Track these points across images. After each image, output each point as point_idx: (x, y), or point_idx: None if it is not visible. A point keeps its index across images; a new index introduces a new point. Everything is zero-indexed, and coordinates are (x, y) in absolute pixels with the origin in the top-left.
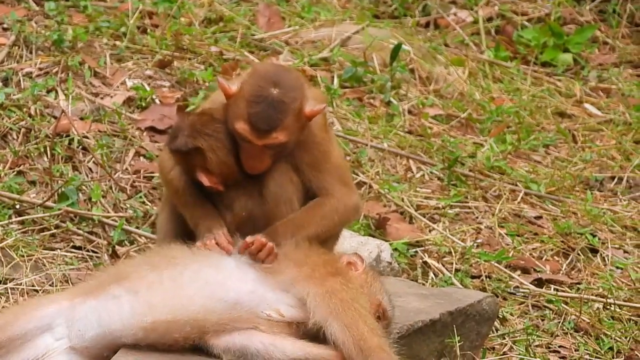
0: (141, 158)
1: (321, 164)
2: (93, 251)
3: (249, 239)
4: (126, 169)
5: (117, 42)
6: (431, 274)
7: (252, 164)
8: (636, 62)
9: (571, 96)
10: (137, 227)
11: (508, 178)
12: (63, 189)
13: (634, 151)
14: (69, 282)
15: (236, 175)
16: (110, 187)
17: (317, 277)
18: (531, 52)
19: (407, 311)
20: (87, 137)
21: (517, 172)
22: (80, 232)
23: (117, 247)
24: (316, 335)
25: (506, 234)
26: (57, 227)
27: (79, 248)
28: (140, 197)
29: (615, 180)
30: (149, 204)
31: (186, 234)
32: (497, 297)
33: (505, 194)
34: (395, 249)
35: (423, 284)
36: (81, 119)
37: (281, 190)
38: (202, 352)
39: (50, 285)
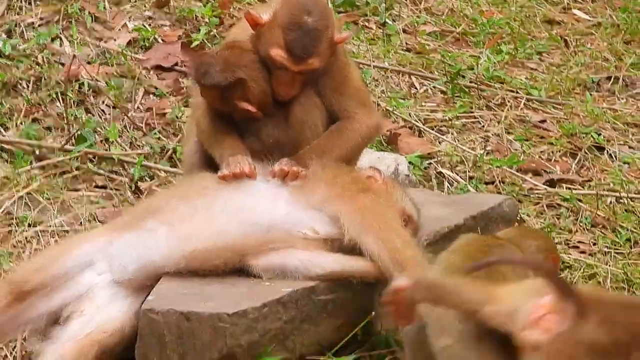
0: (151, 96)
1: (343, 87)
2: (116, 189)
3: (275, 166)
4: (138, 107)
5: None
6: (446, 184)
7: (284, 90)
8: None
9: (558, 4)
10: (155, 163)
11: (508, 86)
12: (80, 132)
13: (626, 51)
14: (96, 220)
15: (270, 104)
16: (125, 127)
17: (348, 195)
18: None
19: (431, 219)
20: (97, 80)
21: (516, 80)
22: (101, 172)
23: (138, 183)
24: (352, 250)
25: (514, 140)
26: (77, 168)
27: (103, 187)
28: (155, 133)
29: (612, 80)
30: (165, 139)
31: (212, 165)
32: None
33: (509, 101)
34: (410, 163)
35: (441, 193)
36: (88, 63)
37: (306, 115)
38: (242, 273)
39: (79, 225)
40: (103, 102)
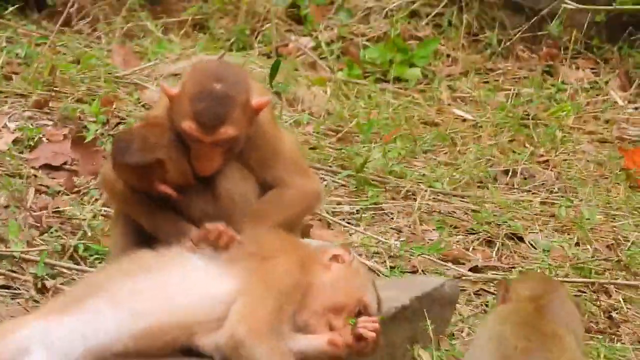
0: (42, 195)
1: (270, 158)
2: (18, 287)
3: (210, 225)
4: (30, 206)
5: None
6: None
7: (203, 165)
8: (481, 70)
9: (432, 104)
10: (55, 261)
11: (409, 179)
12: None
13: (513, 150)
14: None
15: (191, 182)
16: (20, 226)
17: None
18: (379, 70)
19: None
20: None
21: (415, 174)
22: (2, 270)
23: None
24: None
25: (432, 229)
26: None
27: (4, 287)
28: (51, 233)
29: (510, 173)
30: (64, 237)
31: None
32: None
33: (411, 194)
34: None
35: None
36: None
37: (234, 186)
38: (192, 353)
39: None
40: None
